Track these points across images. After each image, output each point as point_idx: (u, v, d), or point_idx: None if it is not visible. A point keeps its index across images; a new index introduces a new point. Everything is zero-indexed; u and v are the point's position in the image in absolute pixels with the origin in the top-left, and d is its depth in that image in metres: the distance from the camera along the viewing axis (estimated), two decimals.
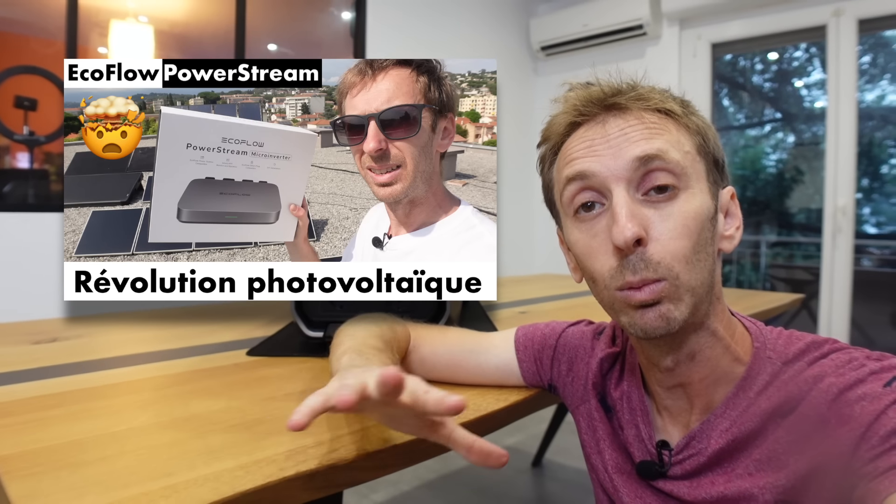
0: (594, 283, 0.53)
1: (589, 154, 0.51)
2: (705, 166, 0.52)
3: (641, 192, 0.50)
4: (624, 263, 0.49)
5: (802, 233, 3.36)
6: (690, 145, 0.51)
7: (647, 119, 0.51)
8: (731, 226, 0.55)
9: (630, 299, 0.49)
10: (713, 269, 0.51)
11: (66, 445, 0.53)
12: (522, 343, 0.73)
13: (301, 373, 0.79)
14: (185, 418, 0.61)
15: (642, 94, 0.52)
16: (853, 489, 0.40)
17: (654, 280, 0.48)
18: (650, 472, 0.55)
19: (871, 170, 3.10)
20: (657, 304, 0.48)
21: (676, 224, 0.48)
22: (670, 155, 0.49)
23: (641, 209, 0.49)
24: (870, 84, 3.04)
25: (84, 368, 0.80)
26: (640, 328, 0.49)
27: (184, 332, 1.05)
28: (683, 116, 0.52)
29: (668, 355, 0.52)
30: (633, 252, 0.48)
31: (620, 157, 0.50)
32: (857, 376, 0.44)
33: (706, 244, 0.50)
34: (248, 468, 0.49)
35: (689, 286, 0.48)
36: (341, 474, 0.51)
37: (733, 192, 0.56)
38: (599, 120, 0.52)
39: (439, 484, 2.16)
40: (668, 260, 0.48)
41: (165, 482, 0.46)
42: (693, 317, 0.50)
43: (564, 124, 0.55)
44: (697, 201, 0.50)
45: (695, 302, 0.49)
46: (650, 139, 0.50)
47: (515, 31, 3.97)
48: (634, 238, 0.47)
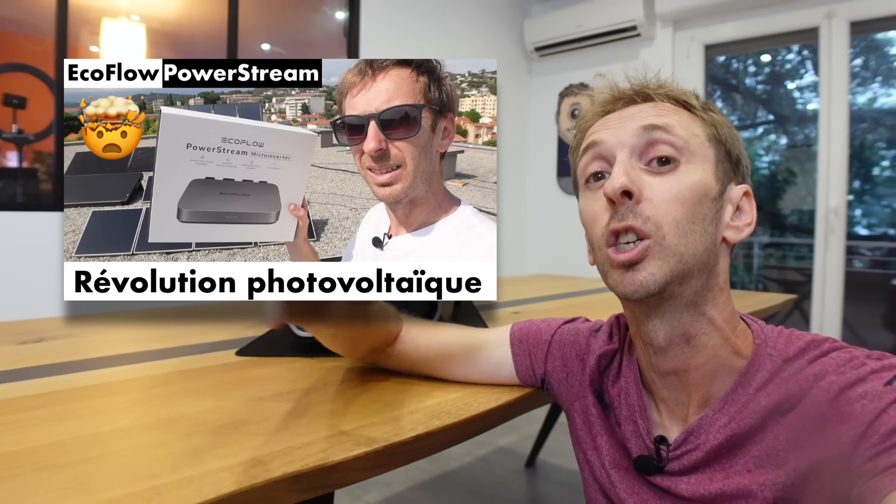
0: (593, 249, 0.55)
1: (603, 128, 0.55)
2: (715, 154, 0.53)
3: (644, 161, 0.52)
4: (613, 214, 0.51)
5: (795, 234, 3.37)
6: (701, 131, 0.53)
7: (664, 105, 0.54)
8: (740, 220, 0.55)
9: (614, 259, 0.51)
10: (712, 249, 0.52)
11: (48, 447, 0.52)
12: (517, 338, 0.72)
13: (290, 373, 0.78)
14: (171, 419, 0.60)
15: (663, 84, 0.56)
16: (853, 487, 0.40)
17: (639, 233, 0.50)
18: (648, 467, 0.55)
19: (863, 172, 3.12)
20: (640, 264, 0.50)
21: (671, 188, 0.50)
22: (675, 130, 0.52)
23: (640, 174, 0.52)
24: (861, 87, 3.06)
25: (69, 369, 0.79)
26: (622, 290, 0.51)
27: (173, 332, 1.04)
28: (700, 110, 0.55)
29: (660, 326, 0.53)
30: (624, 204, 0.50)
31: (627, 127, 0.53)
32: (858, 375, 0.45)
33: (703, 220, 0.51)
34: (233, 469, 0.48)
35: (677, 250, 0.49)
36: (329, 475, 0.50)
37: (749, 190, 0.56)
38: (620, 107, 0.56)
39: (432, 485, 2.15)
40: (658, 218, 0.50)
41: (148, 484, 0.45)
42: (681, 286, 0.50)
43: (593, 114, 0.59)
44: (698, 175, 0.51)
45: (681, 269, 0.50)
46: (661, 116, 0.53)
47: (509, 31, 3.97)
48: (623, 187, 0.50)
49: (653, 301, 0.52)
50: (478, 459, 2.38)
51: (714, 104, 0.57)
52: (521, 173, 4.13)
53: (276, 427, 0.58)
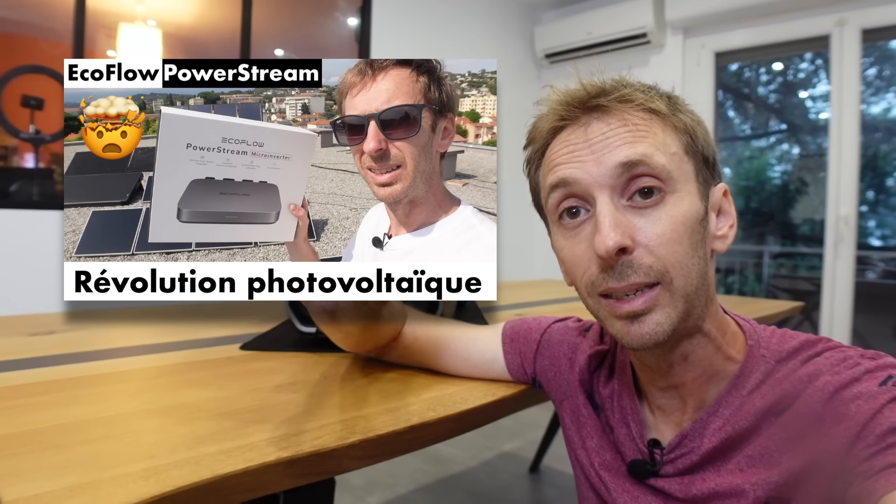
0: (579, 291, 0.53)
1: (572, 160, 0.50)
2: (694, 166, 0.51)
3: (626, 197, 0.49)
4: (608, 272, 0.48)
5: (806, 244, 3.34)
6: (677, 146, 0.50)
7: (631, 120, 0.49)
8: (724, 224, 0.53)
9: (616, 309, 0.48)
10: (705, 271, 0.50)
11: (52, 429, 0.53)
12: (509, 336, 0.73)
13: (292, 366, 0.80)
14: (173, 406, 0.61)
15: (626, 94, 0.50)
16: (847, 488, 0.40)
17: (646, 284, 0.47)
18: (642, 471, 0.54)
19: (877, 182, 3.09)
20: (648, 314, 0.47)
21: (665, 229, 0.47)
22: (655, 159, 0.48)
23: (627, 216, 0.48)
24: (875, 96, 3.04)
25: (78, 359, 0.81)
26: (629, 343, 0.49)
27: (180, 328, 1.06)
28: (670, 115, 0.51)
29: (662, 360, 0.52)
30: (616, 262, 0.47)
31: (603, 164, 0.48)
32: (853, 375, 0.44)
33: (697, 247, 0.49)
34: (229, 453, 0.49)
35: (684, 292, 0.48)
36: (324, 462, 0.51)
37: (726, 188, 0.54)
38: (582, 123, 0.51)
39: (436, 487, 2.15)
40: (661, 264, 0.47)
41: (146, 464, 0.46)
42: (685, 323, 0.49)
43: (547, 128, 0.54)
44: (686, 204, 0.49)
45: (687, 309, 0.48)
46: (633, 143, 0.48)
47: (520, 38, 3.99)
48: (617, 248, 0.46)
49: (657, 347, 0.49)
50: (482, 464, 2.38)
51: (680, 99, 0.53)
52: None
53: (273, 415, 0.59)
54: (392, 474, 2.23)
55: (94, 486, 0.42)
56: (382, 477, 2.20)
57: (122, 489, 0.42)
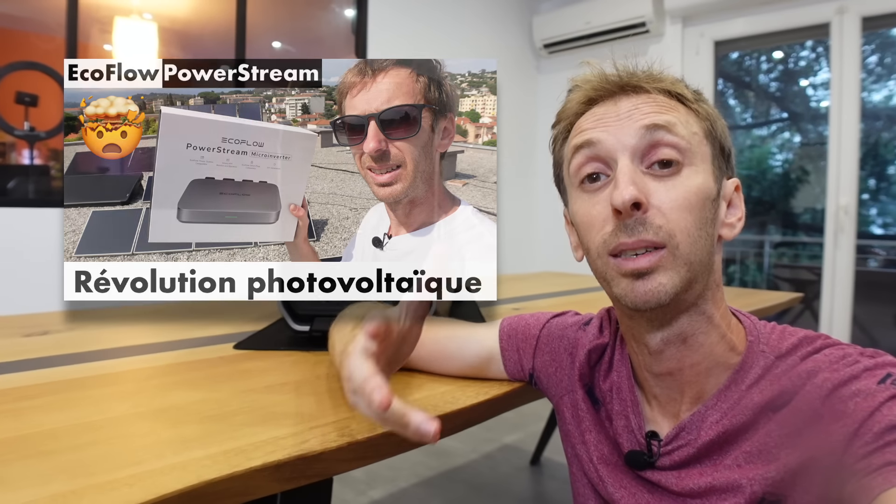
0: (589, 254, 0.54)
1: (598, 126, 0.53)
2: (711, 151, 0.53)
3: (646, 164, 0.51)
4: (620, 226, 0.49)
5: (807, 233, 3.33)
6: (698, 128, 0.52)
7: (659, 98, 0.52)
8: (732, 216, 0.55)
9: (622, 267, 0.49)
10: (712, 251, 0.51)
11: (39, 434, 0.53)
12: (506, 333, 0.72)
13: (284, 366, 0.79)
14: (163, 409, 0.61)
15: (655, 76, 0.54)
16: (844, 485, 0.40)
17: (653, 244, 0.48)
18: (638, 462, 0.55)
19: (878, 170, 3.07)
20: (651, 274, 0.48)
21: (679, 195, 0.49)
22: (678, 129, 0.50)
23: (644, 179, 0.50)
24: (876, 84, 3.01)
25: (71, 360, 0.80)
26: (632, 300, 0.49)
27: (174, 327, 1.05)
28: (694, 102, 0.53)
29: (658, 333, 0.52)
30: (631, 216, 0.49)
31: (628, 127, 0.51)
32: (852, 372, 0.44)
33: (707, 223, 0.50)
34: (215, 458, 0.48)
35: (688, 259, 0.49)
36: (311, 465, 0.51)
37: (738, 184, 0.56)
38: (613, 98, 0.54)
39: (437, 481, 2.16)
40: (671, 226, 0.48)
41: (132, 471, 0.46)
42: (686, 293, 0.50)
43: (578, 102, 0.56)
44: (700, 179, 0.50)
45: (690, 277, 0.49)
46: (660, 113, 0.51)
47: (518, 28, 3.96)
48: (633, 199, 0.48)
49: (658, 310, 0.50)
50: (483, 456, 2.39)
51: (703, 94, 0.56)
52: (530, 170, 4.12)
53: (262, 418, 0.59)
54: (393, 468, 2.24)
55: (78, 493, 0.42)
56: (384, 470, 2.21)
57: (105, 497, 0.41)
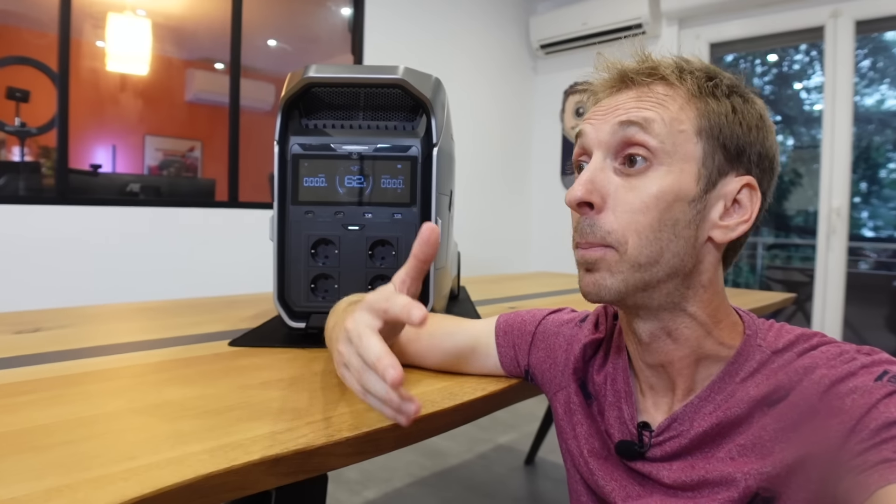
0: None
1: (592, 117, 0.54)
2: (704, 149, 0.50)
3: (618, 160, 0.51)
4: (578, 226, 0.52)
5: (800, 235, 3.35)
6: (691, 125, 0.50)
7: (656, 89, 0.51)
8: (735, 217, 0.51)
9: (576, 255, 0.53)
10: (689, 252, 0.49)
11: (33, 430, 0.52)
12: (503, 329, 0.72)
13: (279, 362, 0.79)
14: (158, 404, 0.60)
15: (656, 65, 0.52)
16: (839, 481, 0.40)
17: (599, 245, 0.50)
18: (629, 452, 0.54)
19: (870, 174, 3.09)
20: (596, 270, 0.51)
21: (636, 198, 0.49)
22: (654, 126, 0.49)
23: (610, 176, 0.51)
24: (869, 88, 3.04)
25: (63, 357, 0.79)
26: (581, 290, 0.52)
27: (169, 324, 1.05)
28: (699, 96, 0.51)
29: (644, 324, 0.53)
30: (584, 215, 0.51)
31: (607, 122, 0.51)
32: (849, 369, 0.44)
33: (673, 225, 0.49)
34: (213, 452, 0.48)
35: (636, 261, 0.49)
36: (309, 460, 0.51)
37: (751, 182, 0.51)
38: (616, 90, 0.54)
39: (432, 481, 2.15)
40: (621, 231, 0.49)
41: (128, 465, 0.45)
42: (641, 293, 0.50)
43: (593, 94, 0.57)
44: (669, 180, 0.49)
45: (641, 279, 0.49)
46: (640, 109, 0.50)
47: (515, 28, 3.96)
48: (576, 200, 0.50)
49: (620, 305, 0.53)
50: (477, 456, 2.38)
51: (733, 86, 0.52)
52: (524, 171, 4.12)
53: (259, 413, 0.58)
54: (388, 468, 2.23)
55: (73, 487, 0.41)
56: (378, 471, 2.20)
57: (100, 491, 0.41)
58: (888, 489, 0.36)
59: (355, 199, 0.88)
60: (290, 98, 0.87)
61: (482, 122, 3.77)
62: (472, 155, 3.57)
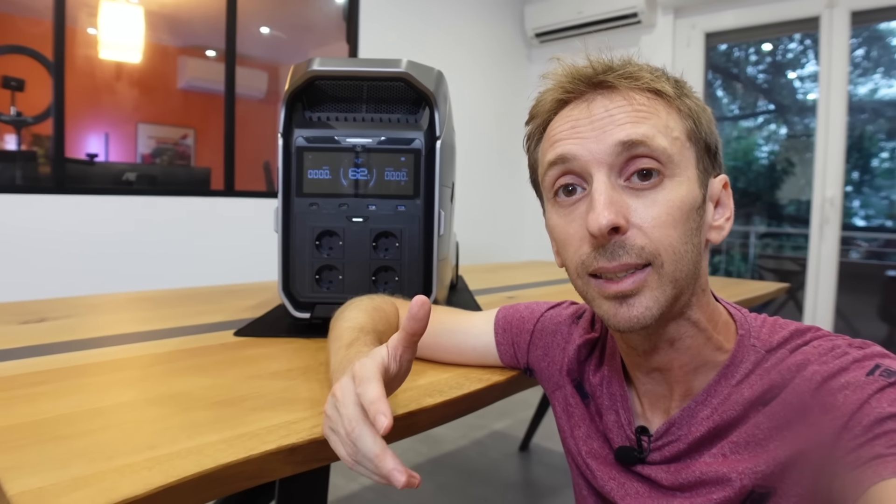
0: (569, 271, 0.52)
1: (572, 136, 0.49)
2: (695, 153, 0.50)
3: (624, 177, 0.48)
4: (599, 251, 0.47)
5: (792, 224, 3.38)
6: (680, 130, 0.49)
7: (636, 100, 0.49)
8: (720, 216, 0.53)
9: (605, 290, 0.48)
10: (698, 260, 0.49)
11: (52, 420, 0.53)
12: (502, 325, 0.73)
13: (286, 352, 0.80)
14: (171, 395, 0.62)
15: (632, 72, 0.49)
16: (834, 478, 0.40)
17: (636, 266, 0.46)
18: (629, 457, 0.54)
19: (862, 163, 3.12)
20: (636, 296, 0.47)
21: (661, 212, 0.47)
22: (656, 141, 0.47)
23: (623, 196, 0.47)
24: (863, 77, 3.05)
25: (72, 347, 0.80)
26: (615, 325, 0.48)
27: (172, 314, 1.06)
28: (676, 98, 0.50)
29: (646, 341, 0.52)
30: (608, 241, 0.47)
31: (603, 141, 0.48)
32: (841, 364, 0.44)
33: (692, 235, 0.48)
34: (230, 442, 0.49)
35: (674, 277, 0.47)
36: (323, 449, 0.52)
37: (726, 180, 0.53)
38: (586, 98, 0.50)
39: (427, 467, 2.18)
40: (654, 246, 0.46)
41: (149, 454, 0.46)
42: (671, 309, 0.49)
43: (551, 101, 0.53)
44: (684, 190, 0.48)
45: (675, 294, 0.48)
46: (636, 123, 0.47)
47: (510, 17, 3.95)
48: (610, 226, 0.45)
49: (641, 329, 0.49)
50: (472, 443, 2.42)
51: (686, 86, 0.52)
52: (519, 159, 4.12)
53: (272, 403, 0.60)
54: None
55: (99, 477, 0.43)
56: None
57: (126, 480, 0.42)
58: (882, 485, 0.35)
59: (359, 191, 0.89)
60: (295, 91, 0.88)
61: (476, 111, 3.77)
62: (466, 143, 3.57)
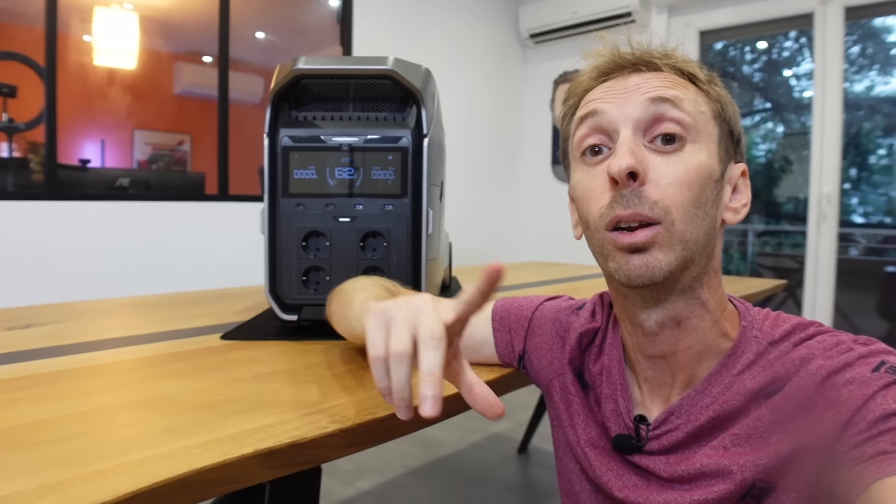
0: (588, 228, 0.53)
1: (605, 97, 0.53)
2: (719, 132, 0.52)
3: (648, 138, 0.50)
4: (616, 198, 0.49)
5: (790, 222, 3.37)
6: (707, 108, 0.52)
7: (670, 76, 0.52)
8: (737, 201, 0.54)
9: (618, 241, 0.49)
10: (711, 233, 0.50)
11: (27, 426, 0.52)
12: (499, 314, 0.72)
13: (272, 355, 0.79)
14: (151, 399, 0.60)
15: (669, 53, 0.53)
16: (836, 473, 0.40)
17: (648, 220, 0.48)
18: (626, 446, 0.54)
19: (860, 160, 3.11)
20: (647, 250, 0.48)
21: (678, 171, 0.48)
22: (684, 104, 0.50)
23: (645, 152, 0.50)
24: (859, 74, 3.05)
25: (55, 353, 0.79)
26: (625, 274, 0.49)
27: (161, 318, 1.04)
28: (705, 83, 0.53)
29: (652, 313, 0.51)
30: (628, 186, 0.48)
31: (634, 100, 0.51)
32: (846, 360, 0.44)
33: (707, 203, 0.50)
34: (206, 446, 0.48)
35: (683, 237, 0.48)
36: (303, 452, 0.51)
37: (745, 169, 0.55)
38: (623, 74, 0.53)
39: (425, 471, 2.17)
40: (666, 202, 0.48)
41: (121, 460, 0.45)
42: (682, 273, 0.49)
43: (589, 77, 0.56)
44: (703, 157, 0.50)
45: (686, 256, 0.49)
46: (668, 88, 0.51)
47: (504, 17, 3.95)
48: (629, 168, 0.47)
49: (652, 288, 0.50)
50: (471, 446, 2.40)
51: (717, 77, 0.55)
52: (515, 161, 4.12)
53: (252, 406, 0.58)
54: (381, 459, 2.24)
55: (66, 484, 0.41)
56: (371, 462, 2.21)
57: (94, 486, 0.41)
58: (885, 481, 0.35)
59: (346, 190, 0.88)
60: (280, 90, 0.87)
61: (472, 112, 3.76)
62: (462, 145, 3.57)
